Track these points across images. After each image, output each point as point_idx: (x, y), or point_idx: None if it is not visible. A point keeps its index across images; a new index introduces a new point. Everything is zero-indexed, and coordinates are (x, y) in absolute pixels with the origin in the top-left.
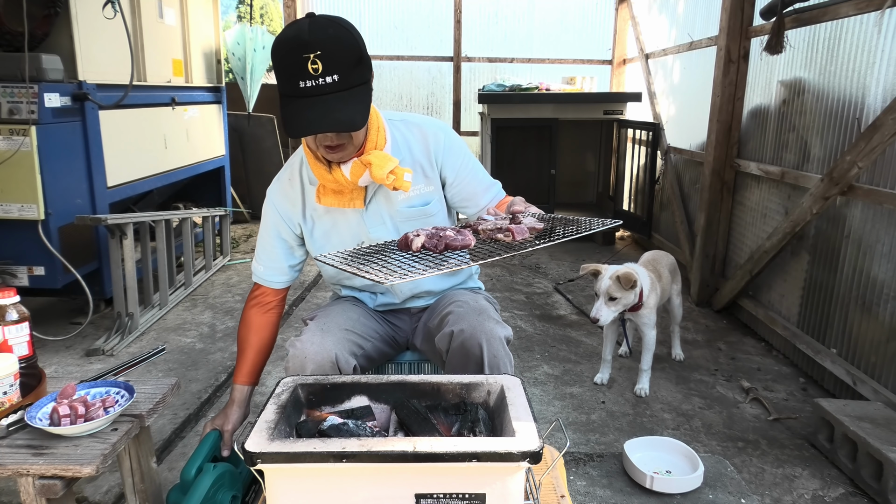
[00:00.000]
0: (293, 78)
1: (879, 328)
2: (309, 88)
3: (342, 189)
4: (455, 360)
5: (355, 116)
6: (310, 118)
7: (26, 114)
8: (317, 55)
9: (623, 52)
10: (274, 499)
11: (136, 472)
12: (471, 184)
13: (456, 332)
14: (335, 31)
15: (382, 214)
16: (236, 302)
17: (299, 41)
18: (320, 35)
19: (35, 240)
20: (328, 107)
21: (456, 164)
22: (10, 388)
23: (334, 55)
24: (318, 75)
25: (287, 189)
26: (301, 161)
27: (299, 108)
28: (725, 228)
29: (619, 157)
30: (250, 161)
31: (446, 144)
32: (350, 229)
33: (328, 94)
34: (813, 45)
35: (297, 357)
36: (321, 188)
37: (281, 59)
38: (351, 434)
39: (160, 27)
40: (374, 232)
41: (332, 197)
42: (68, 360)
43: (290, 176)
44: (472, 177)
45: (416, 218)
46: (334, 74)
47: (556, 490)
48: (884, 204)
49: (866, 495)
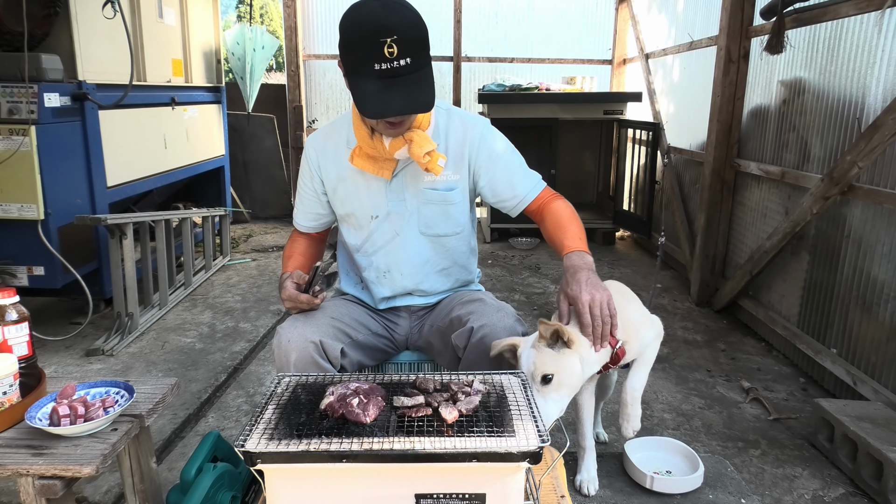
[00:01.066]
0: (368, 60)
1: (879, 328)
2: (384, 70)
3: (376, 156)
4: (472, 356)
5: (429, 98)
6: (388, 100)
7: (26, 114)
8: (393, 39)
9: (623, 51)
10: (274, 499)
11: (135, 472)
12: (503, 177)
13: (476, 327)
14: (408, 14)
15: (405, 191)
16: (236, 302)
17: (376, 24)
18: (395, 19)
19: (35, 240)
20: (405, 89)
21: (489, 157)
22: (10, 388)
23: (409, 38)
24: (394, 58)
25: (324, 142)
26: (347, 123)
27: (375, 89)
28: (725, 228)
29: (619, 157)
30: (250, 161)
31: (482, 139)
32: (371, 197)
33: (403, 76)
34: (813, 45)
35: (280, 344)
36: (357, 150)
37: (356, 41)
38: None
39: (160, 27)
40: (393, 205)
41: (365, 160)
42: (68, 360)
43: (331, 132)
44: (506, 171)
45: (437, 202)
46: (408, 57)
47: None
48: (884, 204)
49: (866, 495)
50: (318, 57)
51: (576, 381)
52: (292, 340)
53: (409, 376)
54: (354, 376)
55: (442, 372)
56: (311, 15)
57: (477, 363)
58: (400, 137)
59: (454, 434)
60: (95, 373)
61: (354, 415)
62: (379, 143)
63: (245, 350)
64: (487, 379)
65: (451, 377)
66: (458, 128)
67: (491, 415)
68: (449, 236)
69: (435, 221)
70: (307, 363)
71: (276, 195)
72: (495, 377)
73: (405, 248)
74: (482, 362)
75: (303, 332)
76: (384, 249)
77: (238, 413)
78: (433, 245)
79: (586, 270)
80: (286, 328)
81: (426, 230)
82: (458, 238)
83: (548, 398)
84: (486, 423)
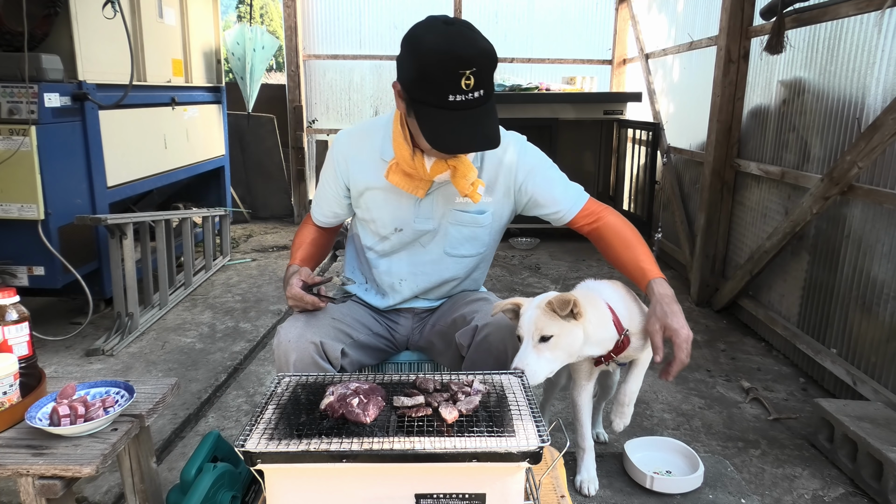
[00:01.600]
0: (443, 91)
1: (879, 328)
2: (458, 102)
3: (413, 175)
4: (476, 355)
5: (497, 132)
6: (461, 134)
7: (26, 114)
8: (472, 71)
9: (623, 51)
10: (274, 499)
11: (135, 472)
12: (544, 192)
13: (481, 326)
14: (483, 43)
15: (434, 210)
16: (236, 302)
17: (456, 56)
18: (473, 50)
19: (35, 240)
20: (477, 122)
21: (527, 176)
22: (10, 388)
23: (485, 70)
24: (470, 90)
25: (356, 148)
26: (381, 132)
27: (447, 121)
28: (725, 228)
29: (619, 157)
30: (250, 161)
31: (519, 160)
32: (398, 211)
33: (475, 108)
34: (813, 45)
35: (280, 344)
36: (394, 165)
37: (432, 70)
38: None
39: (160, 27)
40: (419, 223)
41: (401, 177)
42: (68, 360)
43: (364, 138)
44: (546, 185)
45: (466, 224)
46: (482, 89)
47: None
48: (884, 204)
49: (866, 495)
50: (318, 57)
51: (574, 349)
52: (292, 341)
53: (409, 376)
54: (354, 376)
55: (442, 372)
56: (311, 15)
57: (481, 361)
58: (443, 161)
59: (454, 434)
60: (95, 373)
61: (354, 415)
62: (420, 162)
63: (245, 350)
64: (487, 379)
65: (451, 377)
66: (496, 151)
67: (491, 415)
68: (472, 257)
69: (461, 242)
70: (307, 364)
71: (276, 195)
72: (495, 377)
73: (426, 264)
74: (486, 361)
75: (303, 332)
76: (404, 259)
77: (238, 413)
78: (455, 264)
79: (677, 303)
80: (286, 328)
81: (451, 250)
82: (480, 258)
83: (541, 355)
84: (486, 423)
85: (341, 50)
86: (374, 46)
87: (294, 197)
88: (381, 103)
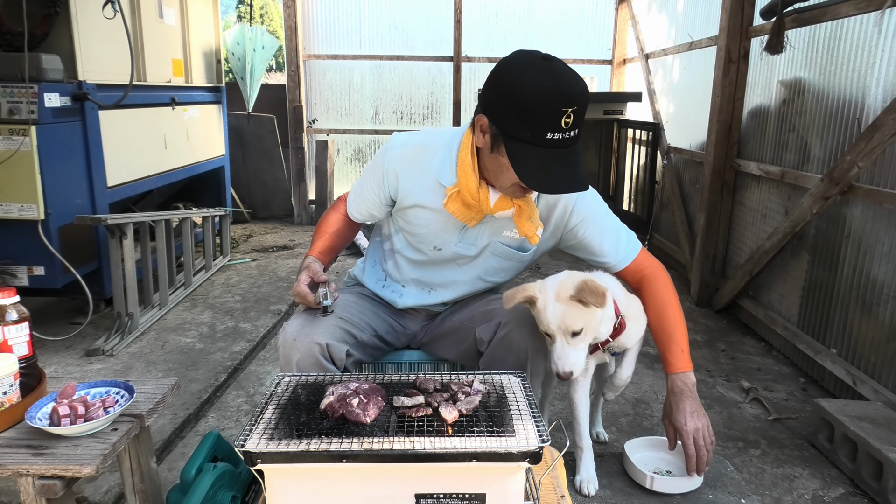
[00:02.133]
0: (543, 128)
1: (879, 328)
2: (555, 140)
3: (472, 206)
4: (497, 351)
5: (586, 174)
6: (559, 175)
7: (26, 114)
8: (573, 110)
9: (623, 51)
10: (274, 499)
11: (136, 472)
12: (593, 241)
13: (504, 322)
14: (582, 82)
15: (478, 239)
16: (236, 302)
17: (562, 94)
18: (577, 88)
19: (35, 240)
20: (571, 162)
21: (579, 222)
22: (10, 388)
23: (583, 110)
24: (567, 129)
25: (412, 163)
26: (444, 153)
27: (545, 159)
28: (725, 228)
29: (619, 157)
30: (250, 161)
31: (576, 203)
32: (442, 233)
33: (568, 146)
34: (813, 45)
35: (285, 342)
36: (455, 194)
37: (534, 106)
38: None
39: (160, 27)
40: (461, 248)
41: (459, 207)
42: (68, 360)
43: (423, 154)
44: (597, 234)
45: (507, 257)
46: (577, 128)
47: (556, 490)
48: (884, 204)
49: (866, 495)
50: (318, 57)
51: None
52: (297, 340)
53: (409, 376)
54: (354, 376)
55: (442, 372)
56: (311, 15)
57: (500, 358)
58: (507, 198)
59: (454, 434)
60: (95, 373)
61: (354, 415)
62: (484, 196)
63: (245, 350)
64: (487, 379)
65: (451, 377)
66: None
67: (491, 415)
68: (503, 283)
69: (497, 271)
70: (311, 364)
71: (276, 195)
72: (495, 377)
73: (456, 282)
74: (506, 357)
75: (309, 332)
76: (436, 273)
77: (238, 413)
78: (484, 286)
79: (691, 399)
80: (292, 327)
81: (486, 276)
82: (509, 282)
83: (577, 347)
84: (486, 423)
85: (341, 50)
86: (374, 46)
87: (294, 197)
88: (380, 103)
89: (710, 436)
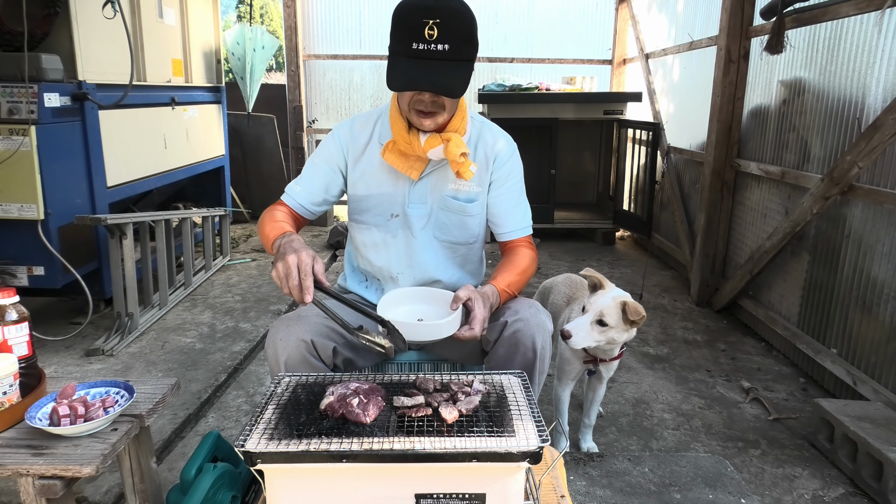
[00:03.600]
0: (408, 38)
1: (879, 328)
2: (420, 51)
3: (409, 153)
4: (503, 350)
5: (456, 85)
6: (415, 76)
7: (26, 114)
8: (435, 22)
9: (623, 51)
10: (274, 499)
11: (135, 472)
12: (503, 206)
13: (510, 321)
14: (456, 4)
15: (426, 195)
16: (236, 302)
17: (422, 5)
18: (442, 4)
19: (35, 240)
20: (434, 70)
21: (504, 179)
22: (10, 388)
23: (451, 25)
24: (432, 41)
25: (357, 131)
26: (379, 117)
27: (407, 66)
28: (725, 228)
29: (619, 157)
30: (250, 161)
31: (508, 159)
32: (391, 197)
33: (436, 59)
34: (813, 45)
35: (273, 343)
36: (390, 144)
37: (401, 19)
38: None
39: (160, 27)
40: (412, 208)
41: (396, 156)
42: (68, 360)
43: (363, 124)
44: (509, 201)
45: (455, 211)
46: (446, 44)
47: (556, 490)
48: (884, 204)
49: (866, 495)
50: (318, 57)
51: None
52: (283, 339)
53: (409, 376)
54: (354, 376)
55: (442, 372)
56: (311, 15)
57: (507, 357)
58: (436, 136)
59: (454, 434)
60: (95, 373)
61: (354, 415)
62: (415, 139)
63: (245, 350)
64: (487, 379)
65: (451, 377)
66: (489, 141)
67: (491, 415)
68: (461, 245)
69: (450, 228)
70: (298, 362)
71: (276, 195)
72: (495, 377)
73: (419, 252)
74: (513, 356)
75: (294, 331)
76: (400, 250)
77: (238, 413)
78: (446, 251)
79: (489, 300)
80: (278, 328)
81: (440, 235)
82: (470, 248)
83: (590, 333)
84: (486, 423)
85: (341, 50)
86: (374, 46)
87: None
88: (380, 103)
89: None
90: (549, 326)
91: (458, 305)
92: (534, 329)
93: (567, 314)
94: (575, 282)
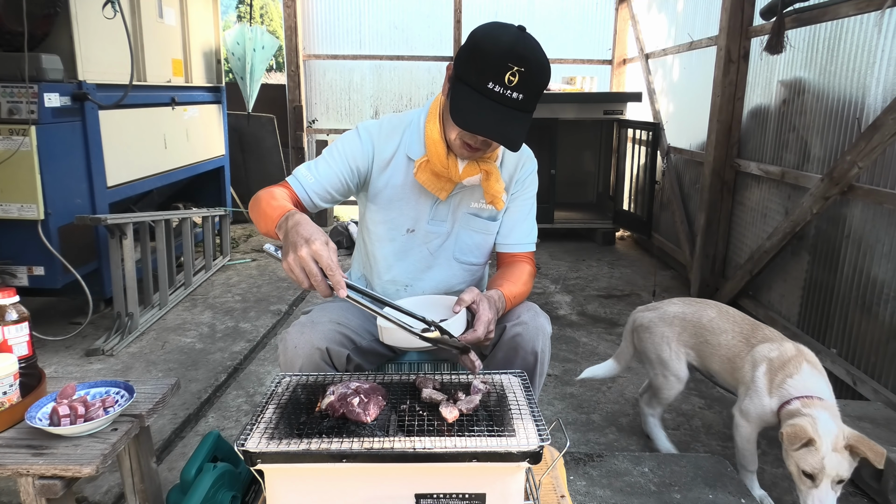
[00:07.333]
0: (486, 76)
1: (879, 328)
2: (495, 93)
3: (442, 175)
4: (502, 353)
5: (520, 139)
6: (487, 122)
7: (26, 114)
8: (519, 69)
9: (623, 51)
10: (274, 499)
11: (136, 472)
12: (513, 218)
13: (510, 325)
14: (541, 56)
15: (449, 213)
16: (236, 302)
17: (513, 50)
18: (530, 54)
19: (35, 240)
20: (504, 118)
21: (520, 193)
22: (10, 388)
23: (532, 78)
24: (510, 87)
25: (384, 138)
26: (406, 128)
27: (477, 105)
28: (725, 228)
29: (619, 157)
30: (250, 161)
31: (527, 175)
32: (411, 211)
33: (508, 106)
34: (813, 45)
35: (287, 350)
36: (424, 164)
37: (485, 54)
38: None
39: (160, 27)
40: (432, 225)
41: (428, 176)
42: (68, 360)
43: (391, 132)
44: (520, 214)
45: (477, 230)
46: (522, 93)
47: (556, 490)
48: (884, 204)
49: (866, 495)
50: (318, 57)
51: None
52: (299, 346)
53: (410, 376)
54: (355, 376)
55: (442, 372)
56: (311, 15)
57: (506, 361)
58: (475, 164)
59: (454, 434)
60: (95, 373)
61: (355, 414)
62: (453, 165)
63: (245, 350)
64: (487, 379)
65: (451, 377)
66: (513, 158)
67: (491, 414)
68: (477, 265)
69: (470, 249)
70: (313, 370)
71: None
72: (495, 377)
73: (434, 269)
74: (512, 360)
75: (310, 338)
76: (411, 264)
77: (238, 413)
78: (462, 271)
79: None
80: (293, 334)
81: (461, 256)
82: (482, 269)
83: (837, 493)
84: (487, 422)
85: (341, 50)
86: (374, 46)
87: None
88: (380, 103)
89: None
90: (549, 329)
91: (461, 308)
92: (533, 333)
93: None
94: (733, 315)
